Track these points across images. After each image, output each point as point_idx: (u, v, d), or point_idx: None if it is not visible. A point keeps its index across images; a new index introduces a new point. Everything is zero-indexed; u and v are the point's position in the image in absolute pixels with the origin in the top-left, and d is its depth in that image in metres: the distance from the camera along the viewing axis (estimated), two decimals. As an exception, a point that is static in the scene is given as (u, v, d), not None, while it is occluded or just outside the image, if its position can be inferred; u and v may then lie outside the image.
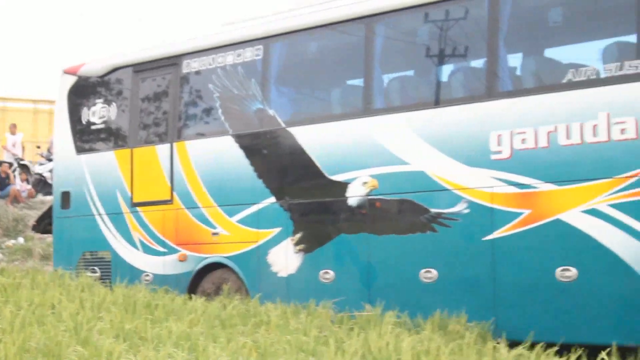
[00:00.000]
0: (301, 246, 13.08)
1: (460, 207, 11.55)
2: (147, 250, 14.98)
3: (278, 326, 10.69)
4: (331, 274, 12.75)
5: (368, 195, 12.39)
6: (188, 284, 14.26)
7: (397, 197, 12.15)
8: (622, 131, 10.36)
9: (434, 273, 11.75)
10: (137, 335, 10.11)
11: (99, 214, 15.66)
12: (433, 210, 11.76)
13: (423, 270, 11.81)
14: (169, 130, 14.93)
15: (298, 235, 13.13)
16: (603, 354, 8.90)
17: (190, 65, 14.74)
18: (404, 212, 12.10)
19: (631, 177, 10.28)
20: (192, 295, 13.53)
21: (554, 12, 11.83)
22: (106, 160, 15.70)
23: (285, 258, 13.23)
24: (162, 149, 14.87)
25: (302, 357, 8.83)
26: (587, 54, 11.26)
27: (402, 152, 12.08)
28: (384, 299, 11.64)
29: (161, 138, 15.02)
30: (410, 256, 11.97)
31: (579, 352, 9.22)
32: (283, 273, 13.27)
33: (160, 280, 14.52)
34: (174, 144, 14.71)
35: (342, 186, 12.61)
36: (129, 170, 15.32)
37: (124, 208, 15.31)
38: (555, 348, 9.47)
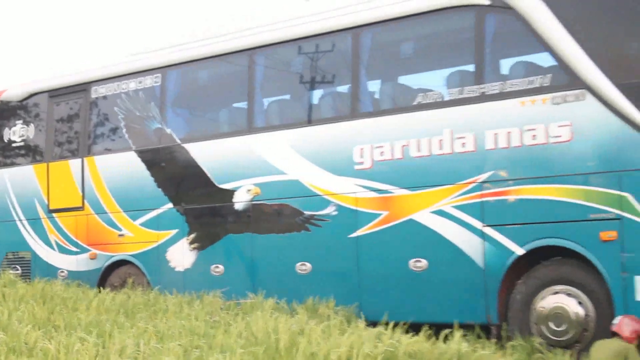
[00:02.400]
0: (195, 245, 13.02)
1: (329, 210, 11.60)
2: (62, 250, 14.76)
3: (175, 313, 10.63)
4: (221, 268, 12.71)
5: (252, 200, 12.37)
6: (98, 278, 14.10)
7: (277, 202, 12.15)
8: (463, 145, 10.51)
9: (307, 266, 11.78)
10: (52, 324, 9.94)
11: (20, 220, 15.37)
12: (307, 212, 11.80)
13: (299, 264, 11.84)
14: (80, 146, 14.73)
15: (192, 236, 13.07)
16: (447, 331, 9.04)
17: (98, 91, 14.57)
18: (282, 214, 12.10)
19: (470, 183, 10.44)
20: (101, 288, 13.34)
21: (406, 46, 12.01)
22: (25, 173, 15.44)
23: (182, 255, 13.16)
24: (74, 163, 14.67)
25: (195, 339, 8.76)
26: (434, 80, 11.43)
27: (280, 164, 12.09)
28: (266, 288, 11.65)
29: (73, 153, 14.82)
30: (288, 252, 11.99)
31: (427, 329, 9.29)
32: (180, 268, 13.19)
33: (74, 276, 14.33)
34: (85, 159, 14.53)
35: (230, 193, 12.58)
36: (46, 181, 15.08)
37: (42, 214, 15.07)
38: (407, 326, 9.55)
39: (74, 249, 14.60)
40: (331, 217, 11.58)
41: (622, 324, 8.81)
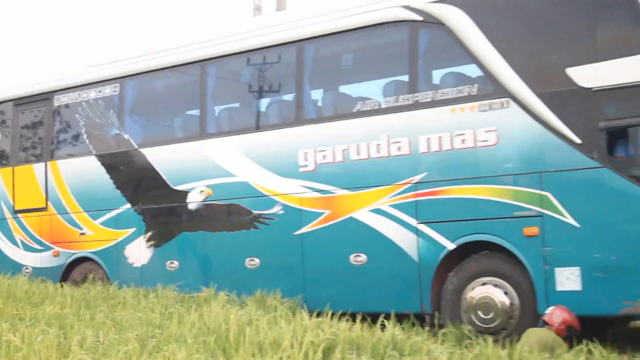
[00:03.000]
0: (151, 242, 12.92)
1: (276, 209, 11.58)
2: (27, 248, 14.57)
3: (132, 305, 10.52)
4: (176, 263, 12.63)
5: (204, 201, 12.31)
6: (60, 274, 13.93)
7: (227, 202, 12.10)
8: (399, 149, 10.56)
9: (256, 261, 11.75)
10: (18, 317, 9.81)
11: (-13, 220, 15.20)
12: (255, 211, 11.77)
13: (248, 259, 11.80)
14: (43, 151, 14.56)
15: (149, 234, 12.97)
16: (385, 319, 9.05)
17: (60, 100, 14.41)
18: (233, 213, 12.04)
19: (406, 183, 10.48)
20: (64, 283, 13.21)
21: (346, 58, 12.02)
22: (-8, 177, 15.26)
23: (139, 252, 13.05)
24: (38, 167, 14.49)
25: (151, 329, 8.68)
26: (372, 89, 11.42)
27: (230, 167, 12.04)
28: (217, 282, 11.56)
29: (37, 158, 14.63)
30: (238, 248, 11.93)
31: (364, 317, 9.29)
32: (137, 264, 13.08)
33: (38, 272, 14.14)
34: (48, 163, 14.35)
35: (184, 194, 12.51)
36: (11, 184, 14.89)
37: (7, 215, 14.86)
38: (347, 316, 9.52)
39: (38, 247, 14.41)
40: (278, 216, 11.56)
41: (552, 314, 8.89)
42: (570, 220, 9.35)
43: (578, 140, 9.31)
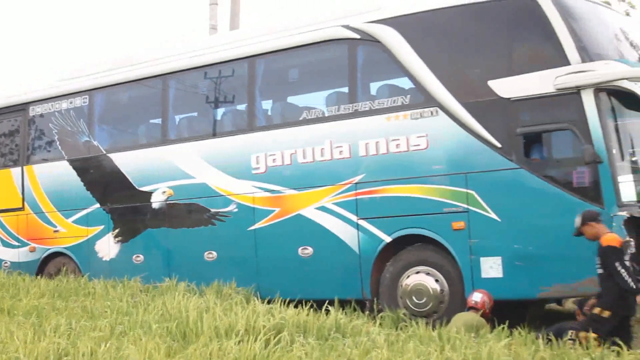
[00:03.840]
0: (119, 238, 12.75)
1: (231, 208, 11.48)
2: (6, 244, 14.28)
3: (102, 295, 10.42)
4: (141, 257, 12.47)
5: (166, 200, 12.17)
6: (36, 268, 13.67)
7: (187, 202, 11.98)
8: (340, 152, 10.53)
9: (214, 254, 11.63)
10: (-2, 308, 9.65)
11: (-32, 219, 14.88)
12: (212, 210, 11.65)
13: (206, 252, 11.68)
14: (20, 157, 14.29)
15: (117, 230, 12.78)
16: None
17: (35, 110, 14.16)
18: (192, 212, 11.92)
19: (347, 184, 10.46)
20: (39, 276, 12.99)
21: (292, 72, 12.00)
22: (-27, 180, 14.93)
23: (108, 247, 12.86)
24: (16, 171, 14.22)
25: (119, 317, 8.60)
26: (316, 100, 11.37)
27: (190, 170, 11.92)
28: (179, 273, 11.43)
29: (15, 163, 14.35)
30: (197, 243, 11.81)
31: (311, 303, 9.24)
32: (106, 258, 12.87)
33: (16, 266, 13.88)
34: (24, 167, 14.09)
35: (148, 194, 12.35)
36: (-9, 186, 14.63)
37: (-13, 214, 14.62)
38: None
39: (15, 243, 14.13)
40: (233, 214, 11.46)
41: (484, 302, 8.95)
42: (492, 215, 9.38)
43: (498, 145, 9.37)
